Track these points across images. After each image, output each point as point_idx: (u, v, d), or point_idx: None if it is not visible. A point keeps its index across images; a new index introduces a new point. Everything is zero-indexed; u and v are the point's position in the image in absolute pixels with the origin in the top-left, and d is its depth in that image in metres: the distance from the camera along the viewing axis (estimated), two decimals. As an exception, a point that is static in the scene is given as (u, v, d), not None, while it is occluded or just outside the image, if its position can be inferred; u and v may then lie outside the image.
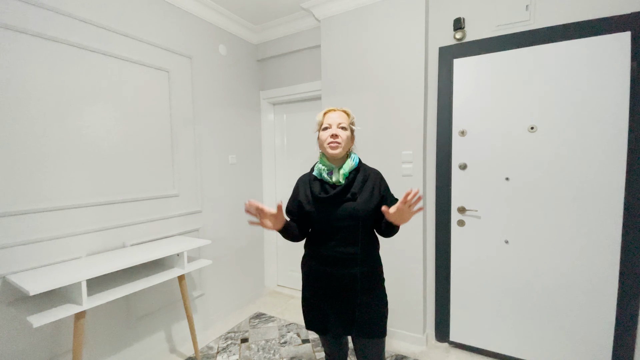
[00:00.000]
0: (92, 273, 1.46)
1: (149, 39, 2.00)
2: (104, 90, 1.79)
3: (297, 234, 1.34)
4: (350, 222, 1.22)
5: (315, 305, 1.33)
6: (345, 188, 1.23)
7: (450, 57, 2.03)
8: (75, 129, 1.68)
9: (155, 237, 2.05)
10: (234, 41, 2.70)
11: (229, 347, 2.21)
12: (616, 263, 1.67)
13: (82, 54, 1.69)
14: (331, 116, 1.25)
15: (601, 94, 1.67)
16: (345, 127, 1.25)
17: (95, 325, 1.77)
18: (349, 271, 1.24)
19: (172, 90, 2.16)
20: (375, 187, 1.26)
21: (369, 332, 1.26)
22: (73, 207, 1.67)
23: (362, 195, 1.23)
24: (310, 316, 1.36)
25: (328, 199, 1.23)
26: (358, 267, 1.25)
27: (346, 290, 1.25)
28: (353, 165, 1.26)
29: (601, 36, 1.66)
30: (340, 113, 1.26)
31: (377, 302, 1.28)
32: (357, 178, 1.25)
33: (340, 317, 1.27)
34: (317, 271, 1.31)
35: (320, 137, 1.27)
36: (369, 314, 1.26)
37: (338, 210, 1.22)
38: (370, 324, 1.26)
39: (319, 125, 1.28)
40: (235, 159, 2.71)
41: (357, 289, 1.25)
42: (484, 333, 2.04)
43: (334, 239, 1.24)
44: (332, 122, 1.24)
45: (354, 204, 1.22)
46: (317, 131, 1.30)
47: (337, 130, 1.22)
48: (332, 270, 1.26)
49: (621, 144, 1.64)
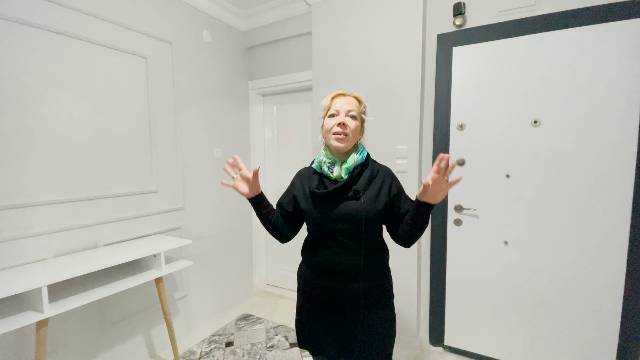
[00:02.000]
0: (54, 277, 1.32)
1: (123, 21, 1.83)
2: (72, 76, 1.63)
3: (279, 227, 1.16)
4: (349, 226, 1.03)
5: (309, 323, 1.16)
6: (347, 185, 1.04)
7: (450, 45, 1.89)
8: (39, 119, 1.52)
9: (131, 237, 1.91)
10: (220, 27, 2.53)
11: (213, 351, 2.10)
12: (623, 266, 1.57)
13: (46, 37, 1.53)
14: (339, 101, 1.07)
15: (611, 85, 1.55)
16: (355, 116, 1.07)
17: (65, 331, 1.64)
18: (349, 286, 1.06)
19: (150, 78, 2.00)
20: (384, 186, 1.08)
21: (373, 358, 1.08)
22: (37, 205, 1.53)
23: (366, 195, 1.04)
24: (302, 333, 1.20)
25: (325, 195, 1.05)
26: (361, 281, 1.05)
27: (346, 309, 1.07)
28: (359, 160, 1.08)
29: (612, 23, 1.53)
30: (350, 99, 1.08)
31: (383, 323, 1.10)
32: (363, 174, 1.07)
33: (338, 339, 1.09)
34: (312, 283, 1.14)
35: (324, 125, 1.10)
36: (373, 337, 1.08)
37: (336, 209, 1.04)
38: (374, 350, 1.08)
39: (325, 111, 1.10)
40: (220, 152, 2.56)
41: (359, 307, 1.06)
42: (480, 337, 1.95)
43: (331, 245, 1.06)
44: (341, 108, 1.06)
45: (356, 203, 1.03)
46: (322, 117, 1.12)
47: (346, 119, 1.04)
48: (329, 283, 1.08)
49: (631, 139, 1.53)
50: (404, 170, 1.99)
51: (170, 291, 2.18)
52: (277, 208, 1.21)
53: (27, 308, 1.35)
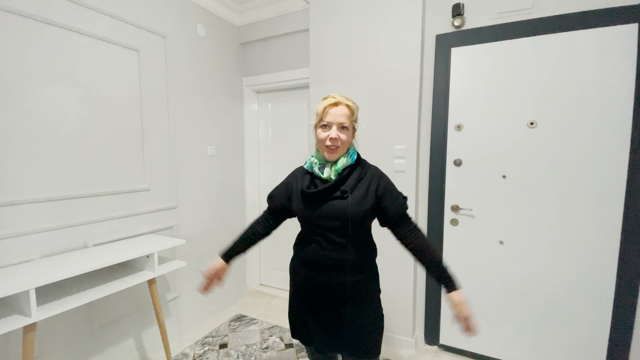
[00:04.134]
0: (42, 280, 1.26)
1: (115, 12, 1.76)
2: (60, 69, 1.56)
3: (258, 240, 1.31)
4: (337, 223, 1.09)
5: (300, 315, 1.22)
6: (336, 185, 1.10)
7: (448, 46, 1.90)
8: (26, 113, 1.45)
9: (122, 236, 1.85)
10: (214, 21, 2.47)
11: (206, 353, 2.05)
12: (614, 265, 1.62)
13: (33, 26, 1.45)
14: (332, 112, 1.08)
15: (605, 89, 1.59)
16: (347, 127, 1.09)
17: (53, 334, 1.57)
18: (336, 279, 1.11)
19: (143, 72, 1.93)
20: (371, 186, 1.12)
21: (359, 352, 1.14)
22: (23, 203, 1.45)
23: (354, 195, 1.09)
24: (294, 324, 1.26)
25: (315, 194, 1.11)
26: (348, 275, 1.11)
27: (333, 302, 1.13)
28: (348, 162, 1.13)
29: (607, 27, 1.57)
30: (343, 109, 1.09)
31: (369, 317, 1.15)
32: (352, 175, 1.12)
33: (326, 331, 1.15)
34: (301, 276, 1.20)
35: (317, 136, 1.12)
36: (359, 331, 1.13)
37: (324, 208, 1.10)
38: (361, 343, 1.13)
39: (318, 118, 1.11)
40: (214, 150, 2.51)
41: (346, 301, 1.12)
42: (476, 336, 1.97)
43: (320, 241, 1.12)
44: (333, 120, 1.08)
45: (343, 203, 1.08)
46: (315, 123, 1.14)
47: (338, 133, 1.08)
48: (318, 277, 1.14)
49: (624, 142, 1.56)
50: (401, 170, 1.99)
51: (161, 292, 2.12)
52: (267, 200, 1.30)
53: (13, 312, 1.28)
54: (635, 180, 1.55)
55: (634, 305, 1.59)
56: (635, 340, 1.60)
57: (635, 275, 1.58)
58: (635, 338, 1.60)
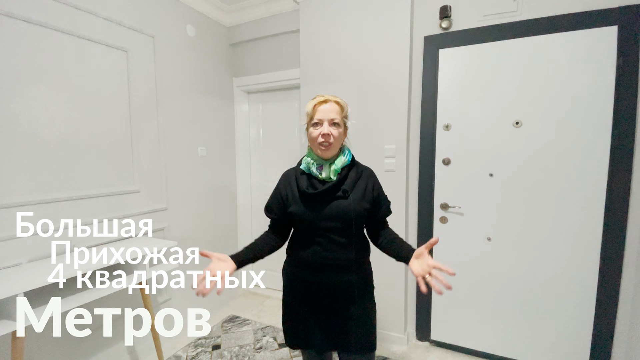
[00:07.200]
0: (30, 284, 1.24)
1: (102, 12, 1.74)
2: (46, 69, 1.53)
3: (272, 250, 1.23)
4: (340, 224, 1.09)
5: (298, 319, 1.19)
6: (337, 185, 1.10)
7: (436, 47, 1.93)
8: (12, 114, 1.42)
9: (112, 239, 1.83)
10: (204, 21, 2.46)
11: (199, 355, 2.05)
12: (597, 260, 1.67)
13: (17, 25, 1.43)
14: (322, 109, 1.09)
15: (586, 89, 1.64)
16: (338, 123, 1.10)
17: (42, 338, 1.54)
18: (344, 279, 1.12)
19: (131, 73, 1.91)
20: (368, 186, 1.15)
21: (362, 347, 1.15)
22: (10, 206, 1.43)
23: (354, 194, 1.11)
24: (291, 331, 1.22)
25: (316, 195, 1.09)
26: (354, 274, 1.12)
27: (339, 301, 1.13)
28: (346, 161, 1.14)
29: (588, 30, 1.62)
30: (332, 105, 1.10)
31: (369, 313, 1.18)
32: (350, 175, 1.13)
33: (328, 331, 1.15)
34: (300, 279, 1.18)
35: (309, 135, 1.13)
36: (362, 327, 1.14)
37: (327, 209, 1.09)
38: (363, 338, 1.14)
39: (308, 118, 1.12)
40: (205, 151, 2.50)
41: (354, 299, 1.13)
42: (465, 331, 2.01)
43: (322, 242, 1.11)
44: (324, 117, 1.09)
45: (345, 202, 1.09)
46: (306, 124, 1.14)
47: (330, 129, 1.08)
48: (321, 278, 1.13)
49: (604, 141, 1.62)
50: (392, 169, 2.02)
51: (153, 294, 2.11)
52: (266, 211, 1.23)
53: (1, 317, 1.26)
54: (615, 178, 1.61)
55: (616, 299, 1.65)
56: (617, 332, 1.66)
57: (616, 270, 1.63)
58: (617, 331, 1.66)
